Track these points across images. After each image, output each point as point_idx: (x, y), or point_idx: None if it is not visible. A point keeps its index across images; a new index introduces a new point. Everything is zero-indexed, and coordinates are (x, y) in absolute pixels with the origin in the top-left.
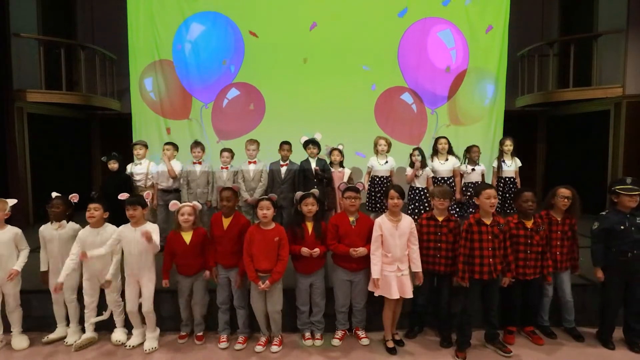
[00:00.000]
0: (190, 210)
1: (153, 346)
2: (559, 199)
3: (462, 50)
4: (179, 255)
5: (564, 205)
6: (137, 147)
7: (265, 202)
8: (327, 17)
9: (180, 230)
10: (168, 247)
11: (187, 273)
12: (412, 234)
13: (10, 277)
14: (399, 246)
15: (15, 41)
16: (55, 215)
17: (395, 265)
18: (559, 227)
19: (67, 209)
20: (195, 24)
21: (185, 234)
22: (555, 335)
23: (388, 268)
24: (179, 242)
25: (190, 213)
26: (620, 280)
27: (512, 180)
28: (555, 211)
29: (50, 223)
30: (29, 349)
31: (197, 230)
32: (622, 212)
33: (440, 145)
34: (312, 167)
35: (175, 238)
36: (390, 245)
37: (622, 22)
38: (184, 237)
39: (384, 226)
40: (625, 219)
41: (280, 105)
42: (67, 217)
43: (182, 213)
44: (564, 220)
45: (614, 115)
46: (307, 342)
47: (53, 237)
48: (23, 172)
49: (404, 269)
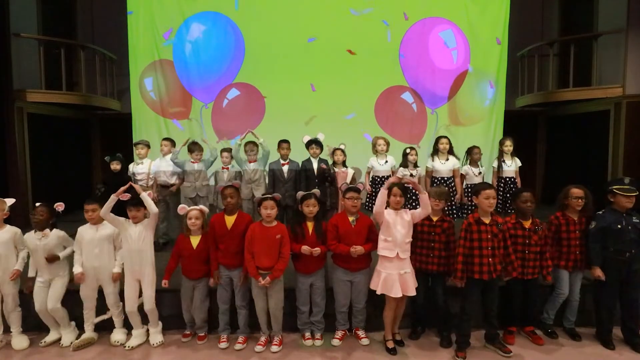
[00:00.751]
0: (198, 213)
1: (159, 340)
2: (572, 200)
3: (464, 51)
4: (185, 258)
5: (579, 206)
6: (138, 147)
7: (269, 201)
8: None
9: (189, 234)
10: (176, 248)
11: (190, 276)
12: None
13: (12, 277)
14: (400, 232)
15: (15, 41)
16: (38, 224)
17: (396, 251)
18: (577, 227)
19: (50, 217)
20: (196, 24)
21: (193, 238)
22: (556, 335)
23: (389, 266)
24: (186, 245)
25: (197, 217)
26: (615, 280)
27: (513, 180)
28: (570, 211)
29: (33, 232)
30: (29, 349)
31: (205, 235)
32: (619, 212)
33: (442, 145)
34: (314, 167)
35: (183, 241)
36: (392, 230)
37: (622, 22)
38: (192, 241)
39: (386, 212)
40: (621, 219)
41: (280, 105)
42: (51, 225)
43: (189, 217)
44: (581, 220)
45: (614, 115)
46: (307, 342)
47: (37, 247)
48: (23, 172)
49: (407, 267)
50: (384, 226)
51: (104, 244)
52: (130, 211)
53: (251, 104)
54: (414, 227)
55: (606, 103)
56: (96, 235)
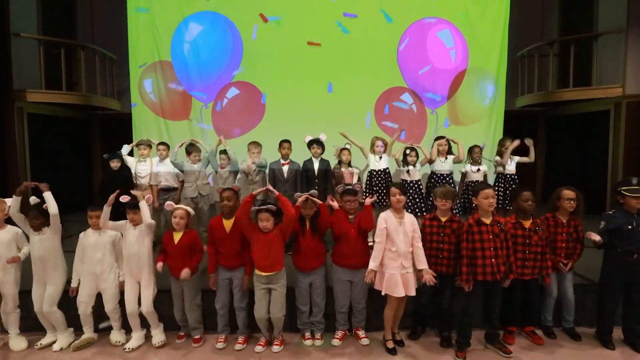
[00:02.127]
0: (183, 213)
1: (161, 339)
2: (564, 202)
3: (462, 50)
4: (168, 254)
5: (571, 207)
6: (141, 147)
7: (264, 214)
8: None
9: (173, 230)
10: (162, 244)
11: (176, 275)
12: (416, 231)
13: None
14: (404, 242)
15: (15, 41)
16: (36, 227)
17: (399, 262)
18: (564, 229)
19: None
20: (194, 24)
21: (176, 234)
22: (555, 335)
23: (392, 265)
24: (170, 241)
25: (182, 216)
26: (620, 281)
27: (513, 177)
28: (561, 213)
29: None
30: (27, 350)
31: (187, 232)
32: (630, 213)
33: (441, 147)
34: (315, 167)
35: (168, 238)
36: (395, 239)
37: (622, 22)
38: (174, 236)
39: (388, 220)
40: (632, 219)
41: (280, 105)
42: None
43: (174, 215)
44: (569, 222)
45: (614, 115)
46: (307, 342)
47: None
48: (23, 172)
49: (408, 267)
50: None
51: (107, 249)
52: (128, 214)
53: (251, 102)
54: (423, 228)
55: (606, 103)
56: (100, 239)
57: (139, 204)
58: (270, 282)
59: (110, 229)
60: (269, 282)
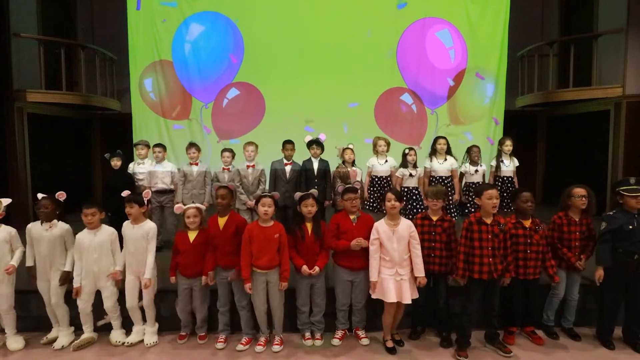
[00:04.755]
0: (195, 211)
1: (153, 340)
2: (576, 199)
3: (461, 50)
4: (181, 253)
5: (583, 204)
6: (139, 148)
7: (267, 199)
8: (327, 17)
9: (187, 229)
10: (175, 245)
11: (187, 274)
12: (413, 237)
13: (7, 269)
14: (398, 250)
15: (15, 41)
16: (46, 216)
17: (394, 269)
18: (577, 228)
19: (56, 208)
20: (195, 24)
21: (191, 233)
22: (557, 335)
23: (387, 271)
24: (184, 240)
25: (195, 215)
26: (621, 281)
27: (510, 179)
28: (573, 211)
29: (40, 223)
30: (25, 350)
31: (202, 230)
32: (630, 213)
33: (439, 146)
34: (314, 167)
35: (181, 237)
36: (388, 249)
37: (622, 22)
38: (189, 235)
39: (380, 229)
40: (633, 219)
41: (280, 105)
42: (58, 215)
43: (187, 215)
44: (582, 221)
45: (614, 115)
46: (307, 342)
47: (42, 237)
48: (23, 172)
49: (404, 274)
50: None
51: (103, 248)
52: (125, 207)
53: (251, 103)
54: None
55: (606, 103)
56: (95, 239)
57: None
58: (269, 276)
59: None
60: (267, 276)
